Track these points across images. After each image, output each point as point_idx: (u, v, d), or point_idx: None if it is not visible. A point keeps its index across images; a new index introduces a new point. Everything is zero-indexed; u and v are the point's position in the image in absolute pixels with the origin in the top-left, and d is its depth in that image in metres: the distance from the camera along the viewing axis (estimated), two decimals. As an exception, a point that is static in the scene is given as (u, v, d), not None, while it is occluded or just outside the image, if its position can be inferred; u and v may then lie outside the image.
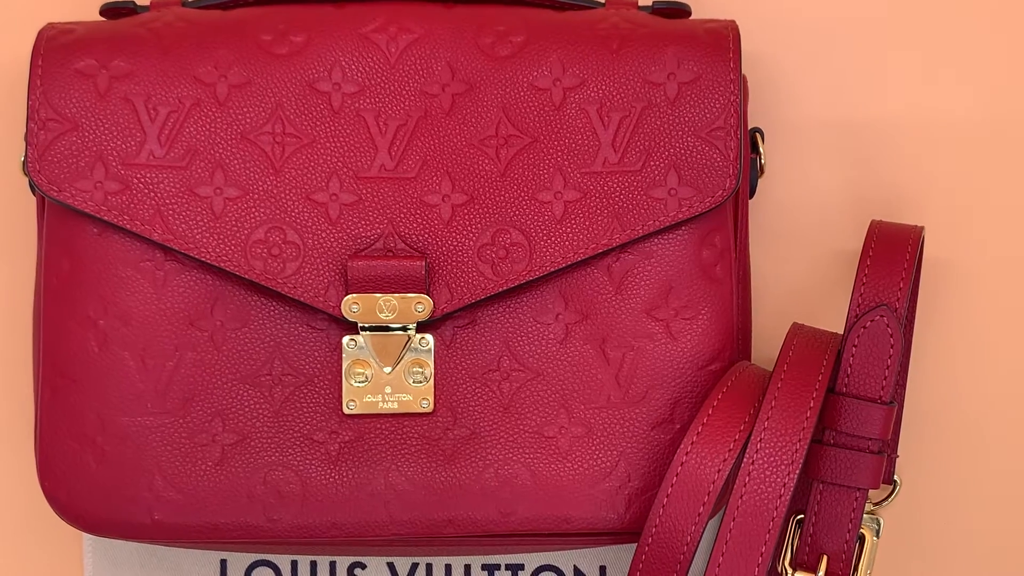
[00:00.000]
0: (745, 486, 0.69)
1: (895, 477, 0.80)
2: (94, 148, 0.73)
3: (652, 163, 0.74)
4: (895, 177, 0.81)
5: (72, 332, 0.73)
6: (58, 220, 0.74)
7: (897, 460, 0.80)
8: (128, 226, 0.72)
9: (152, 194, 0.73)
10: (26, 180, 0.78)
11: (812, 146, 0.81)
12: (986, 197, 0.82)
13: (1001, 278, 0.81)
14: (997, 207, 0.81)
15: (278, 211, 0.73)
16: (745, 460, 0.70)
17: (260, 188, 0.73)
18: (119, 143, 0.73)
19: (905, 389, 0.79)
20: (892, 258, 0.73)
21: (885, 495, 0.81)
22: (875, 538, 0.75)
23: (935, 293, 0.81)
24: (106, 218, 0.72)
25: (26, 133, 0.73)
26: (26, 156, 0.73)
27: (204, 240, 0.73)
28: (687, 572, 0.70)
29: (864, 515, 0.74)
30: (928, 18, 0.81)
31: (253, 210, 0.73)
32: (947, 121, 0.81)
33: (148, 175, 0.73)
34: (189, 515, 0.73)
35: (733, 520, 0.69)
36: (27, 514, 0.81)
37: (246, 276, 0.73)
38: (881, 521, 0.77)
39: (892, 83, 0.82)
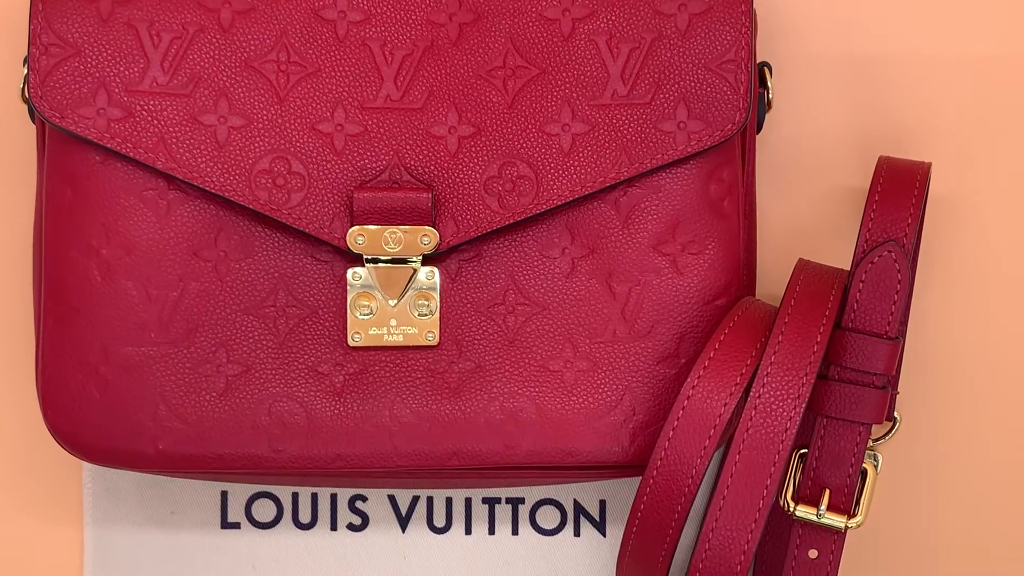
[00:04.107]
0: (751, 420, 0.69)
1: (895, 414, 0.80)
2: (96, 74, 0.72)
3: (661, 96, 0.73)
4: (901, 113, 0.81)
5: (74, 261, 0.72)
6: (60, 148, 0.73)
7: (897, 397, 0.80)
8: (131, 154, 0.72)
9: (155, 121, 0.72)
10: (24, 108, 0.77)
11: (819, 81, 0.81)
12: (992, 134, 0.81)
13: (1005, 216, 0.81)
14: (1003, 144, 0.81)
15: (283, 141, 0.72)
16: (751, 394, 0.70)
17: (265, 117, 0.72)
18: (122, 69, 0.72)
19: (907, 326, 0.79)
20: (900, 194, 0.73)
21: (885, 431, 0.81)
22: (876, 472, 0.76)
23: (939, 230, 0.81)
24: (109, 145, 0.72)
25: (27, 58, 0.72)
26: (27, 82, 0.72)
27: (208, 169, 0.72)
28: (691, 504, 0.70)
29: (864, 451, 0.74)
30: (939, -48, 0.81)
31: (258, 139, 0.72)
32: (954, 58, 0.81)
33: (151, 102, 0.72)
34: (193, 445, 0.72)
35: (739, 453, 0.69)
36: (25, 443, 0.81)
37: (250, 206, 0.72)
38: (880, 457, 0.77)
39: (900, 19, 0.81)
